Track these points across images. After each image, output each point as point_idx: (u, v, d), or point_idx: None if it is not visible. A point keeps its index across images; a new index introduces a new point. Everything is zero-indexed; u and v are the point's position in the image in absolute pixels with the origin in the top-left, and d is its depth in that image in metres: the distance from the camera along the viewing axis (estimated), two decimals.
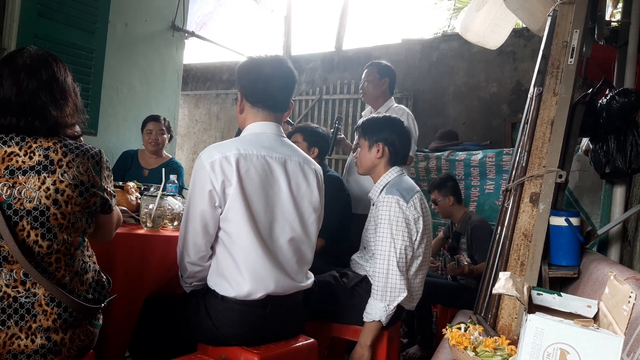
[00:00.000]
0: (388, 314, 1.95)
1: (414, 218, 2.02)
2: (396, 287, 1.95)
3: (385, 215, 2.01)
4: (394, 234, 1.98)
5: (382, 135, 2.14)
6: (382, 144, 2.14)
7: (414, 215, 2.02)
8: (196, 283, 1.75)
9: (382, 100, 3.17)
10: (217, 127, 7.36)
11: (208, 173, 1.58)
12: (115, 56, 3.79)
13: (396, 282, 1.95)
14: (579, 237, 1.85)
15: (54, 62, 1.37)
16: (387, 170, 2.16)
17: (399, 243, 1.98)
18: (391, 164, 2.16)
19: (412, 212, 2.02)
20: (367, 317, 1.98)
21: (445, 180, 3.20)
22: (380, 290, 1.96)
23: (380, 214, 2.03)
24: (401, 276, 1.96)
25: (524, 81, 4.89)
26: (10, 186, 1.26)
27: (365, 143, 2.18)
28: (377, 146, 2.14)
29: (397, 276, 1.95)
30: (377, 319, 1.95)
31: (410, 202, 2.03)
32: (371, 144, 2.16)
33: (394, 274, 1.96)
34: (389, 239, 1.99)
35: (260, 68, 1.72)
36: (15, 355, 1.25)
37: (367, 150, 2.17)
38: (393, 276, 1.96)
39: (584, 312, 1.10)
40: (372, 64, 3.24)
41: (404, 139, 2.19)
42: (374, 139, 2.15)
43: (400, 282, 1.95)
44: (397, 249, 1.97)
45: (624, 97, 2.01)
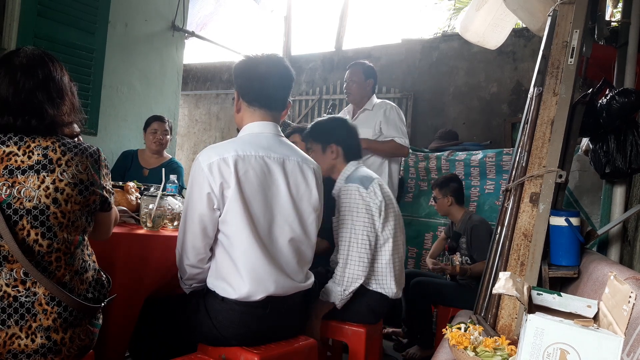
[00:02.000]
0: (343, 298, 2.02)
1: (374, 204, 2.07)
2: (353, 274, 2.01)
3: (346, 204, 2.07)
4: (354, 221, 2.04)
5: (332, 137, 2.23)
6: (335, 144, 2.22)
7: (375, 200, 2.07)
8: (196, 285, 1.75)
9: (366, 99, 3.22)
10: (217, 127, 7.36)
11: (206, 175, 1.58)
12: (115, 56, 3.79)
13: (354, 269, 2.01)
14: (579, 237, 1.85)
15: (50, 61, 1.38)
16: (345, 167, 2.24)
17: (359, 229, 2.03)
18: (347, 161, 2.24)
19: (373, 197, 2.07)
20: (323, 297, 2.04)
21: (448, 180, 3.22)
22: (339, 276, 2.02)
23: (342, 202, 2.09)
24: (359, 263, 2.01)
25: (524, 81, 4.89)
26: (10, 186, 1.26)
27: (318, 147, 2.26)
28: (331, 148, 2.22)
29: (356, 263, 2.01)
30: (332, 301, 2.02)
31: (370, 188, 2.09)
32: (324, 147, 2.24)
33: (353, 261, 2.01)
34: (349, 225, 2.05)
35: (256, 67, 1.71)
36: (16, 355, 1.25)
37: (321, 154, 2.24)
38: (352, 263, 2.01)
39: (584, 312, 1.10)
40: (356, 64, 3.27)
41: (353, 134, 2.29)
42: (325, 142, 2.23)
43: (358, 270, 2.01)
44: (359, 236, 2.02)
45: (624, 97, 2.01)
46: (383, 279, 2.12)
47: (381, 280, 2.12)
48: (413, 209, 4.07)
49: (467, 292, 2.82)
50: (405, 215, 4.03)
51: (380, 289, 2.11)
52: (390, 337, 3.37)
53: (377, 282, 2.12)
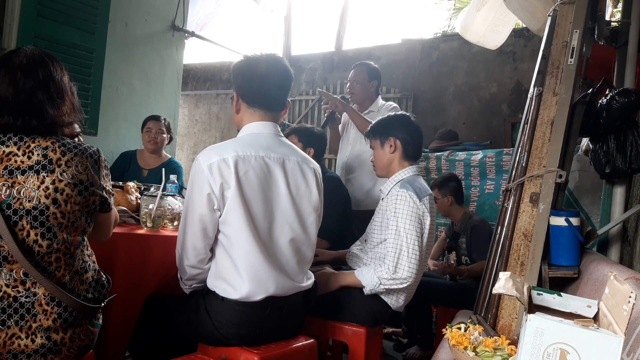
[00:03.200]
0: (375, 289, 2.01)
1: (424, 217, 2.04)
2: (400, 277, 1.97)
3: (398, 209, 2.03)
4: (407, 229, 2.00)
5: (391, 131, 2.20)
6: (393, 138, 2.18)
7: (424, 212, 2.05)
8: (196, 285, 1.75)
9: (369, 102, 3.20)
10: (217, 127, 7.36)
11: (206, 176, 1.57)
12: (115, 56, 3.79)
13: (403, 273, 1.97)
14: (579, 237, 1.84)
15: (50, 61, 1.38)
16: (403, 168, 2.19)
17: (411, 237, 1.99)
18: (406, 158, 2.20)
19: (423, 209, 2.04)
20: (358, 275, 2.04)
21: (447, 179, 3.22)
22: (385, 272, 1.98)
23: (391, 207, 2.05)
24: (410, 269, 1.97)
25: (524, 81, 4.89)
26: (10, 186, 1.26)
27: (377, 143, 2.23)
28: (389, 142, 2.19)
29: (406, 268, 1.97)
30: (364, 284, 2.03)
31: (422, 200, 2.06)
32: (382, 142, 2.21)
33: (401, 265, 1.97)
34: (402, 232, 2.00)
35: (256, 67, 1.70)
36: (16, 355, 1.25)
37: (380, 149, 2.22)
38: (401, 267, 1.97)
39: (584, 312, 1.10)
40: (361, 65, 3.25)
41: (414, 130, 2.23)
42: (384, 136, 2.20)
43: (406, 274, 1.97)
44: (410, 244, 1.98)
45: (624, 97, 2.01)
46: (395, 293, 2.08)
47: (392, 293, 2.08)
48: None
49: (467, 292, 2.82)
50: None
51: (388, 299, 2.09)
52: (390, 337, 3.37)
53: (388, 292, 2.08)
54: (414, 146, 2.22)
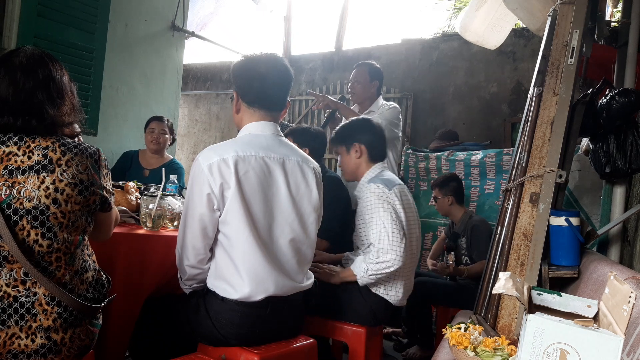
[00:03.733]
0: (364, 277, 2.05)
1: (395, 203, 2.08)
2: (385, 262, 2.00)
3: (370, 201, 2.08)
4: (381, 216, 2.04)
5: (356, 136, 2.25)
6: (358, 143, 2.23)
7: (395, 201, 2.08)
8: (196, 285, 1.75)
9: (369, 102, 3.19)
10: (217, 127, 7.36)
11: (206, 176, 1.57)
12: (115, 56, 3.79)
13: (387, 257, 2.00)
14: (579, 237, 1.84)
15: (50, 61, 1.38)
16: (370, 168, 2.25)
17: (388, 222, 2.03)
18: (371, 160, 2.26)
19: (393, 198, 2.08)
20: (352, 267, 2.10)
21: (448, 179, 3.22)
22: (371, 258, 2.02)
23: (365, 202, 2.10)
24: (391, 252, 1.99)
25: (524, 81, 4.89)
26: (10, 186, 1.26)
27: (343, 149, 2.28)
28: (354, 147, 2.24)
29: (388, 252, 2.00)
30: (355, 274, 2.08)
31: (392, 190, 2.10)
32: (348, 147, 2.26)
33: (385, 251, 2.00)
34: (377, 220, 2.04)
35: (256, 67, 1.70)
36: (16, 355, 1.25)
37: (346, 155, 2.27)
38: (384, 252, 2.00)
39: (584, 312, 1.10)
40: (363, 65, 3.24)
41: (377, 133, 2.30)
42: (349, 142, 2.25)
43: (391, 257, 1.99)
44: (389, 227, 2.02)
45: (624, 97, 2.01)
46: (392, 286, 2.11)
47: (389, 287, 2.11)
48: None
49: (467, 292, 2.82)
50: None
51: (387, 295, 2.11)
52: (390, 337, 3.37)
53: (385, 288, 2.11)
54: (379, 148, 2.28)
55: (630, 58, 2.36)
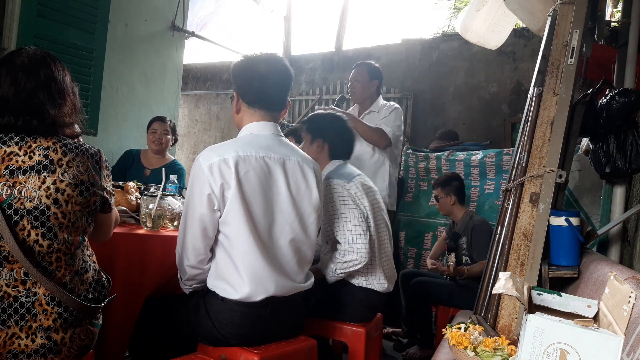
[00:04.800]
0: (334, 276, 2.09)
1: (358, 198, 2.09)
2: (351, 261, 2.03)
3: (330, 198, 2.09)
4: (342, 214, 2.06)
5: (323, 132, 2.25)
6: (322, 140, 2.24)
7: (357, 193, 2.09)
8: (196, 285, 1.75)
9: (370, 101, 3.20)
10: (217, 127, 7.36)
11: (207, 176, 1.57)
12: (115, 56, 3.79)
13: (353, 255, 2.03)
14: (579, 237, 1.84)
15: (52, 61, 1.38)
16: (328, 164, 2.25)
17: (349, 219, 2.05)
18: (332, 158, 2.26)
19: (355, 190, 2.09)
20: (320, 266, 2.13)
21: (451, 178, 3.21)
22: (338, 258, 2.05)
23: (326, 199, 2.10)
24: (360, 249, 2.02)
25: (524, 81, 4.89)
26: (11, 186, 1.26)
27: (307, 137, 2.27)
28: (317, 142, 2.24)
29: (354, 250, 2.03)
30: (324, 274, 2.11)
31: (351, 182, 2.11)
32: (312, 139, 2.25)
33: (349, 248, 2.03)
34: (338, 215, 2.07)
35: (256, 67, 1.70)
36: (16, 355, 1.25)
37: (308, 144, 2.26)
38: (350, 251, 2.03)
39: (584, 312, 1.10)
40: (362, 64, 3.25)
41: (346, 136, 2.30)
42: (316, 135, 2.25)
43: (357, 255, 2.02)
44: (350, 227, 2.04)
45: (624, 97, 2.01)
46: (372, 274, 2.14)
47: (370, 276, 2.14)
48: (413, 209, 4.06)
49: (467, 292, 2.82)
50: (405, 215, 4.03)
51: (370, 285, 2.14)
52: (390, 337, 3.37)
53: (367, 278, 2.14)
54: (343, 149, 2.28)
55: (630, 58, 2.35)
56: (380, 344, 2.45)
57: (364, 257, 2.03)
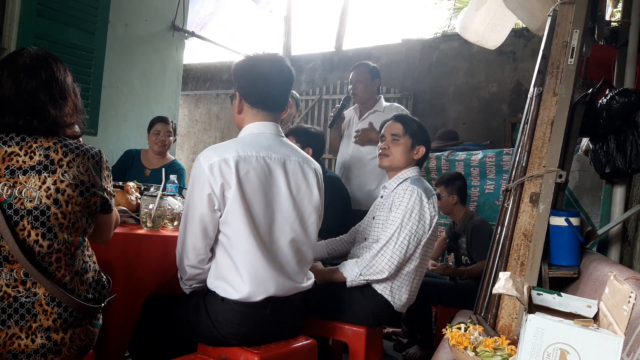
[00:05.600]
0: (355, 280, 2.05)
1: (430, 215, 2.09)
2: (378, 267, 2.02)
3: (404, 203, 2.07)
4: (404, 222, 2.04)
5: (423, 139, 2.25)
6: (421, 145, 2.23)
7: (431, 212, 2.09)
8: (196, 285, 1.75)
9: (372, 101, 3.22)
10: (217, 127, 7.36)
11: (207, 176, 1.57)
12: (115, 56, 3.79)
13: (381, 263, 2.02)
14: (579, 237, 1.84)
15: (53, 62, 1.38)
16: (409, 167, 2.23)
17: (405, 231, 2.03)
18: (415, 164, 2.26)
19: (430, 209, 2.09)
20: (341, 269, 2.09)
21: (454, 178, 3.21)
22: (364, 261, 2.04)
23: (399, 200, 2.08)
24: (389, 261, 2.02)
25: (524, 81, 4.89)
26: (11, 186, 1.26)
27: (408, 142, 2.23)
28: (420, 148, 2.23)
29: (387, 259, 2.02)
30: (346, 277, 2.07)
31: (431, 199, 2.11)
32: (413, 144, 2.23)
33: (384, 255, 2.02)
34: (397, 224, 2.05)
35: (259, 67, 1.70)
36: (16, 355, 1.25)
37: (408, 149, 2.22)
38: (382, 256, 2.02)
39: (584, 312, 1.10)
40: (361, 65, 3.27)
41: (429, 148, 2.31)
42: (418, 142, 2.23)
43: (384, 265, 2.02)
44: (401, 236, 2.03)
45: (624, 97, 2.01)
46: (398, 290, 2.10)
47: (395, 291, 2.10)
48: None
49: (467, 292, 2.82)
50: None
51: (391, 298, 2.10)
52: (390, 337, 3.37)
53: (392, 290, 2.10)
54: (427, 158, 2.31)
55: (630, 58, 2.35)
56: (381, 344, 2.45)
57: (391, 271, 2.02)
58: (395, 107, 3.23)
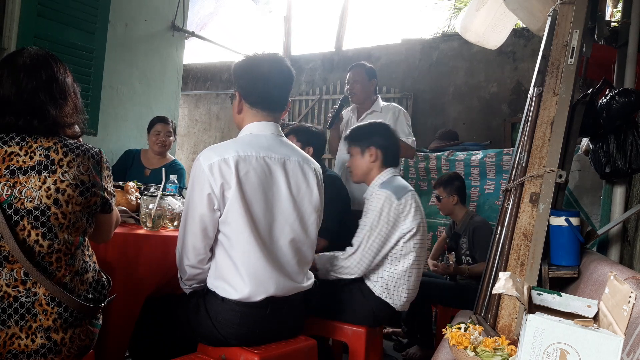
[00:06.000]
0: (326, 276, 2.13)
1: (404, 215, 2.09)
2: (347, 269, 2.09)
3: (371, 207, 2.10)
4: (373, 226, 2.07)
5: (372, 139, 2.23)
6: (375, 147, 2.22)
7: (405, 212, 2.09)
8: (196, 285, 1.75)
9: (370, 102, 3.23)
10: (217, 127, 7.36)
11: (207, 176, 1.57)
12: (115, 56, 3.79)
13: (351, 265, 2.08)
14: (579, 237, 1.84)
15: (53, 62, 1.38)
16: (381, 172, 2.24)
17: (374, 235, 2.06)
18: (385, 165, 2.24)
19: (402, 208, 2.09)
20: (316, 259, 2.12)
21: (452, 178, 3.21)
22: (338, 262, 2.10)
23: (368, 206, 2.11)
24: (359, 264, 2.07)
25: (524, 81, 4.89)
26: (11, 186, 1.26)
27: (357, 150, 2.26)
28: (370, 150, 2.22)
29: (356, 261, 2.07)
30: (318, 267, 2.13)
31: (402, 200, 2.09)
32: (363, 150, 2.24)
33: (353, 258, 2.08)
34: (367, 228, 2.08)
35: (259, 67, 1.70)
36: (16, 355, 1.25)
37: (360, 157, 2.25)
38: (351, 259, 2.08)
39: (584, 312, 1.10)
40: (358, 66, 3.28)
41: (393, 139, 2.30)
42: (365, 144, 2.23)
43: (354, 268, 2.08)
44: (370, 240, 2.07)
45: (624, 97, 2.01)
46: (394, 289, 2.12)
47: (392, 291, 2.11)
48: None
49: (467, 292, 2.82)
50: None
51: (390, 299, 2.11)
52: (390, 337, 3.37)
53: (388, 290, 2.11)
54: (393, 154, 2.28)
55: (630, 58, 2.35)
56: (381, 344, 2.45)
57: (362, 272, 2.09)
58: (392, 107, 3.23)
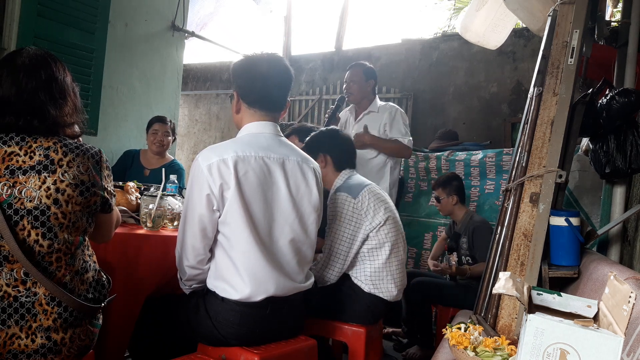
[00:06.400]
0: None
1: (364, 211, 2.11)
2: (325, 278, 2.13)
3: (333, 212, 2.12)
4: (335, 230, 2.10)
5: (319, 147, 2.27)
6: (322, 154, 2.25)
7: (364, 208, 2.11)
8: (195, 285, 1.75)
9: (367, 102, 3.23)
10: (217, 127, 7.36)
11: (206, 177, 1.57)
12: (115, 56, 3.79)
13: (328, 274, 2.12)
14: (579, 237, 1.84)
15: (52, 62, 1.38)
16: (337, 176, 2.27)
17: (338, 240, 2.10)
18: (338, 169, 2.27)
19: (361, 206, 2.11)
20: None
21: (450, 178, 3.21)
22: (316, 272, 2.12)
23: (330, 211, 2.14)
24: (332, 271, 2.11)
25: (524, 81, 4.89)
26: (11, 186, 1.26)
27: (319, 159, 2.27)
28: (320, 157, 2.25)
29: (330, 270, 2.11)
30: None
31: (358, 197, 2.11)
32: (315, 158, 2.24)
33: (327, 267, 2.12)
34: (332, 235, 2.11)
35: (257, 67, 1.69)
36: (16, 355, 1.25)
37: (323, 166, 2.26)
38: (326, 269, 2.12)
39: (584, 312, 1.10)
40: (356, 65, 3.28)
41: (340, 142, 2.32)
42: (315, 152, 2.25)
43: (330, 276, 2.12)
44: (335, 247, 2.10)
45: (624, 97, 2.01)
46: (380, 282, 2.13)
47: (378, 283, 2.12)
48: (413, 209, 4.07)
49: (467, 292, 2.82)
50: (405, 215, 4.03)
51: (379, 292, 2.12)
52: (390, 337, 3.37)
53: (375, 285, 2.12)
54: (345, 157, 2.30)
55: (630, 58, 2.36)
56: (381, 344, 2.45)
57: (335, 277, 2.13)
58: (389, 107, 3.23)
